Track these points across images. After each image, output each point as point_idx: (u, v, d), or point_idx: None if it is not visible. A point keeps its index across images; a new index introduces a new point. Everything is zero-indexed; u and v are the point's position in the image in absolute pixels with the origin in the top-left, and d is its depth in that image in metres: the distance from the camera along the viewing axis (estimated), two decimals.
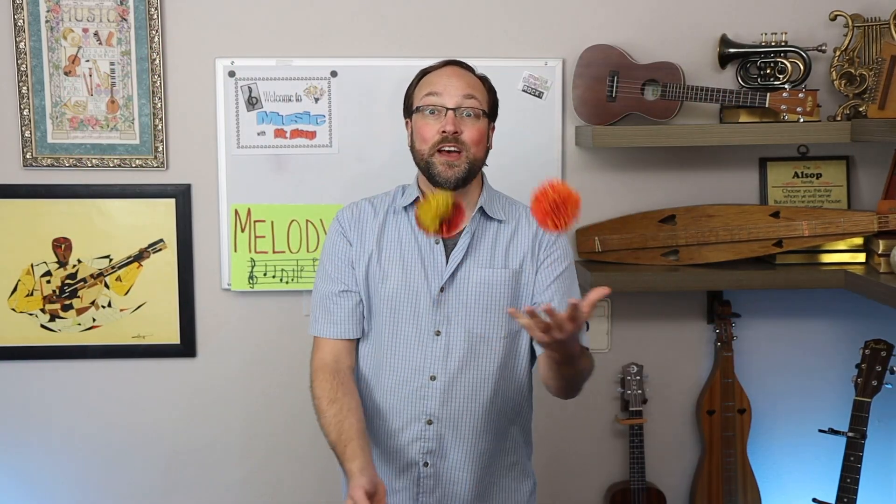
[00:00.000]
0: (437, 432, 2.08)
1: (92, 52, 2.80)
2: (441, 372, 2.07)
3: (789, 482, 3.06)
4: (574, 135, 2.90)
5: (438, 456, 2.09)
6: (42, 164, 2.83)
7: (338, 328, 2.11)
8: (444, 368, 2.07)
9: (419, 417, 2.08)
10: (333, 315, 2.11)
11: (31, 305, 2.87)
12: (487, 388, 2.09)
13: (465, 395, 2.08)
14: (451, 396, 2.07)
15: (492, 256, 2.10)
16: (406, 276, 2.08)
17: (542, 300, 2.08)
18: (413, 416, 2.08)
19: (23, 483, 2.94)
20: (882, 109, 2.66)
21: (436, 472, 2.10)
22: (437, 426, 2.08)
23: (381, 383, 2.11)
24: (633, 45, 2.86)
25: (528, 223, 2.13)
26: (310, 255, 2.89)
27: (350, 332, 2.12)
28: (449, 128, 2.02)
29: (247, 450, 2.98)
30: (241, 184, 2.86)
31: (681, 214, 2.86)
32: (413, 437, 2.09)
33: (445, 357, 2.07)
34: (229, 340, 2.93)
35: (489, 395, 2.09)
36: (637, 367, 2.95)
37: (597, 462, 3.04)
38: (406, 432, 2.09)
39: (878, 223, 2.73)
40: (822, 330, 3.03)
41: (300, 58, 2.84)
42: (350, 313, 2.11)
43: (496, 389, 2.10)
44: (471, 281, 2.08)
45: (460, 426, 2.08)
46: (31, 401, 2.92)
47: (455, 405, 2.08)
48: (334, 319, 2.11)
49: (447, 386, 2.07)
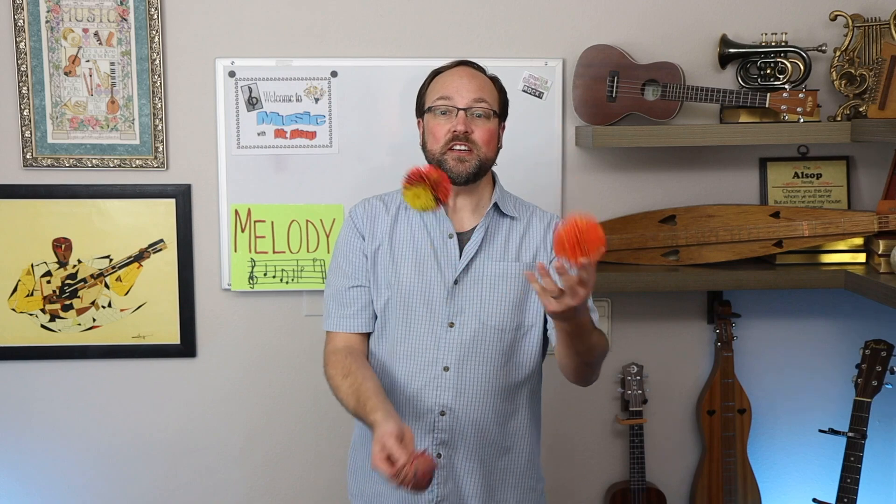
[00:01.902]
0: (450, 423, 2.10)
1: (92, 53, 2.80)
2: (454, 363, 2.09)
3: (789, 482, 3.06)
4: (574, 135, 2.90)
5: (451, 447, 2.11)
6: (42, 164, 2.83)
7: (350, 322, 2.15)
8: (457, 359, 2.09)
9: (432, 409, 2.10)
10: (346, 309, 2.15)
11: (31, 305, 2.87)
12: (500, 380, 2.11)
13: (478, 386, 2.09)
14: (464, 388, 2.09)
15: (505, 250, 2.13)
16: (419, 270, 2.11)
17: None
18: (427, 407, 2.10)
19: (23, 483, 2.94)
20: (882, 109, 2.66)
21: (449, 463, 2.11)
22: (450, 417, 2.09)
23: (395, 375, 2.13)
24: (633, 45, 2.86)
25: (539, 220, 2.18)
26: (310, 256, 2.89)
27: (362, 325, 2.15)
28: (460, 128, 2.06)
29: (247, 450, 2.98)
30: (241, 184, 2.86)
31: (681, 214, 2.86)
32: (427, 429, 2.10)
33: (459, 348, 2.09)
34: (229, 341, 2.93)
35: (502, 386, 2.11)
36: (637, 367, 2.95)
37: (597, 462, 3.04)
38: (419, 423, 2.10)
39: (878, 223, 2.73)
40: (822, 330, 3.03)
41: (300, 58, 2.84)
42: (362, 308, 2.15)
43: (509, 381, 2.12)
44: (485, 274, 2.11)
45: (473, 417, 2.10)
46: (31, 401, 2.92)
47: (468, 396, 2.09)
48: (347, 313, 2.15)
49: (460, 377, 2.09)
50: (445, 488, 2.11)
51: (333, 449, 2.93)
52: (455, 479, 2.12)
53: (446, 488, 2.11)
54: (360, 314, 2.15)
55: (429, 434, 2.10)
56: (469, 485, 2.13)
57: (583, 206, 2.93)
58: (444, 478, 2.11)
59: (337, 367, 2.09)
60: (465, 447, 2.11)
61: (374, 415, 1.93)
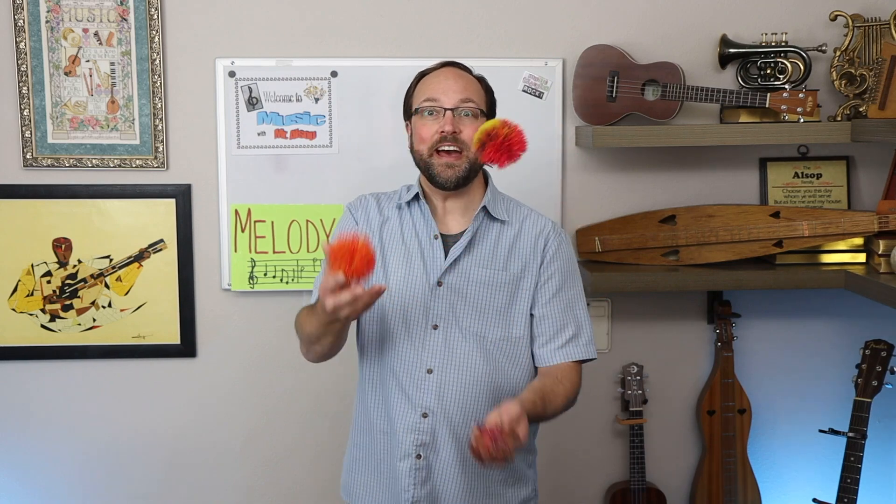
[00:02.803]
0: (431, 426, 2.09)
1: (92, 53, 2.81)
2: (437, 366, 2.09)
3: (789, 482, 3.06)
4: (574, 135, 2.90)
5: (431, 449, 2.10)
6: (42, 164, 2.83)
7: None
8: (440, 362, 2.08)
9: (415, 409, 2.09)
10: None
11: (31, 306, 2.87)
12: (482, 387, 2.10)
13: (460, 391, 2.09)
14: (446, 391, 2.08)
15: (492, 257, 2.12)
16: (407, 270, 2.11)
17: (542, 314, 2.13)
18: (409, 407, 2.09)
19: (23, 483, 2.94)
20: (882, 109, 2.66)
21: (428, 464, 2.10)
22: (432, 420, 2.09)
23: (381, 373, 2.13)
24: (633, 45, 2.86)
25: (531, 227, 2.17)
26: (310, 256, 2.89)
27: None
28: (447, 128, 2.06)
29: (247, 450, 2.98)
30: (241, 184, 2.86)
31: (681, 214, 2.86)
32: (408, 429, 2.10)
33: (442, 351, 2.09)
34: (229, 341, 2.93)
35: (484, 393, 2.10)
36: (637, 367, 2.95)
37: (597, 462, 3.04)
38: (401, 423, 2.10)
39: (879, 223, 2.73)
40: (822, 330, 3.03)
41: (300, 58, 2.84)
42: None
43: (492, 390, 2.10)
44: (470, 278, 2.10)
45: (454, 422, 2.09)
46: (31, 401, 2.92)
47: (449, 400, 2.09)
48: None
49: (443, 380, 2.08)
50: (424, 489, 2.10)
51: (333, 449, 2.92)
52: (433, 482, 2.11)
53: (424, 489, 2.10)
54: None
55: (410, 434, 2.09)
56: (448, 487, 2.11)
57: (583, 206, 2.93)
58: (423, 479, 2.10)
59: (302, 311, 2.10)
60: (446, 451, 2.10)
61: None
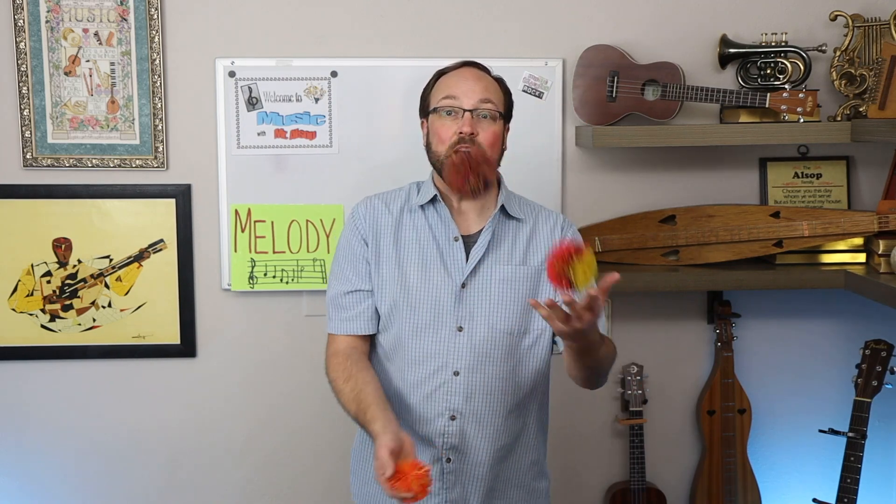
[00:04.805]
0: (460, 428, 2.09)
1: (92, 53, 2.80)
2: (464, 367, 2.08)
3: (789, 482, 3.06)
4: (574, 135, 2.90)
5: (461, 451, 2.11)
6: (42, 164, 2.83)
7: (350, 324, 2.14)
8: (467, 364, 2.08)
9: (442, 413, 2.09)
10: (345, 312, 2.14)
11: (31, 306, 2.87)
12: (510, 384, 2.11)
13: (488, 390, 2.09)
14: (474, 392, 2.09)
15: (511, 254, 2.13)
16: (426, 274, 2.10)
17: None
18: (437, 411, 2.09)
19: (23, 483, 2.94)
20: (882, 109, 2.66)
21: (458, 467, 2.11)
22: (461, 421, 2.09)
23: (405, 380, 2.12)
24: (633, 45, 2.86)
25: (545, 221, 2.18)
26: (310, 256, 2.89)
27: (362, 327, 2.14)
28: (466, 129, 2.05)
29: (247, 450, 2.98)
30: (241, 184, 2.86)
31: (681, 214, 2.86)
32: (436, 433, 2.10)
33: (468, 352, 2.08)
34: (229, 340, 2.93)
35: (511, 390, 2.11)
36: (637, 368, 2.95)
37: (597, 462, 3.04)
38: (429, 428, 2.10)
39: (879, 223, 2.73)
40: (822, 330, 3.03)
41: (300, 58, 2.84)
42: (362, 311, 2.14)
43: (518, 385, 2.12)
44: (493, 277, 2.10)
45: (483, 422, 2.10)
46: (31, 401, 2.92)
47: (478, 400, 2.09)
48: (346, 316, 2.14)
49: (470, 381, 2.09)
50: (454, 492, 2.11)
51: (333, 449, 2.93)
52: (463, 484, 2.11)
53: (455, 492, 2.11)
54: (359, 317, 2.14)
55: (439, 438, 2.10)
56: (476, 488, 2.12)
57: (583, 206, 2.93)
58: (453, 482, 2.11)
59: (338, 370, 2.09)
60: (475, 451, 2.11)
61: (373, 425, 1.94)
